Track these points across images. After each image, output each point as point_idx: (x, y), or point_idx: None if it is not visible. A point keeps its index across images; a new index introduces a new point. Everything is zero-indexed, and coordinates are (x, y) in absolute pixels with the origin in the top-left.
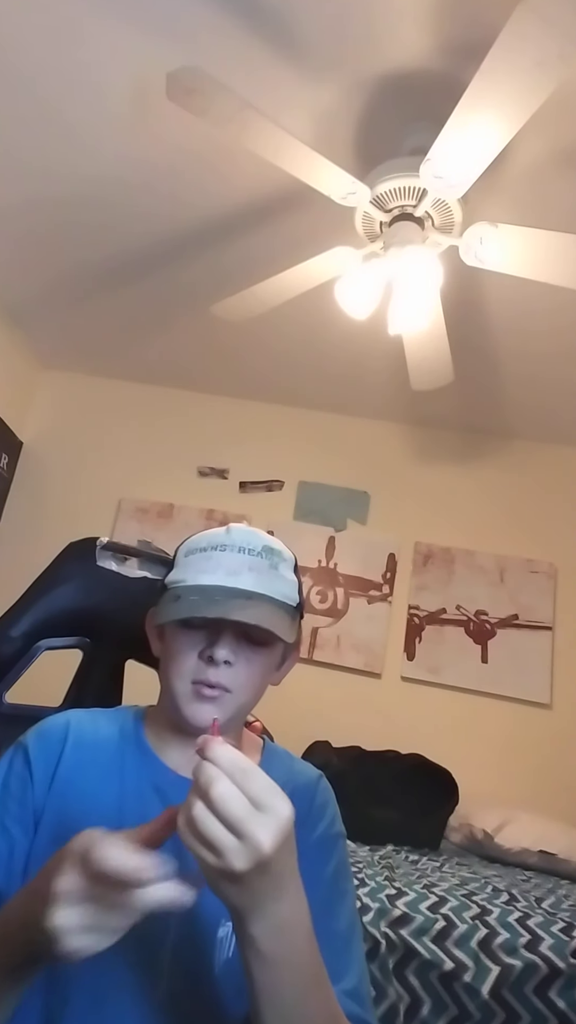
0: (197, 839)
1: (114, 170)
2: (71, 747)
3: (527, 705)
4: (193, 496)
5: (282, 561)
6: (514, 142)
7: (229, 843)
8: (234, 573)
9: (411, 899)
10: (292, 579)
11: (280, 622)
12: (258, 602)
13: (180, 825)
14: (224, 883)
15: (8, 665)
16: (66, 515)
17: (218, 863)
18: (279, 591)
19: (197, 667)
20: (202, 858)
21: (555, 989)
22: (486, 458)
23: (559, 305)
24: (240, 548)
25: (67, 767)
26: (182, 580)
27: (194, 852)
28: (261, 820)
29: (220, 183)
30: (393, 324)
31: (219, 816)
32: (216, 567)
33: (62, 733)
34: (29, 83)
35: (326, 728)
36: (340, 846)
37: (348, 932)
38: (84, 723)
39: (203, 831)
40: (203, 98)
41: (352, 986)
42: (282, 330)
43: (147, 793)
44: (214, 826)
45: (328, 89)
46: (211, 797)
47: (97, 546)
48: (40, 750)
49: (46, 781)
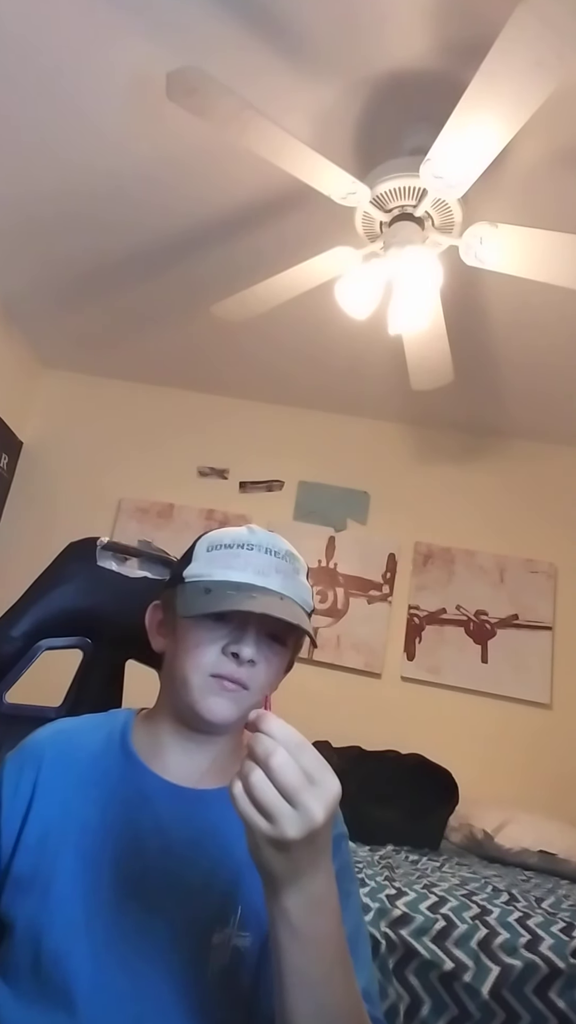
0: (254, 805)
1: (115, 171)
2: (50, 761)
3: (527, 705)
4: (193, 496)
5: (301, 567)
6: (514, 142)
7: (285, 810)
8: (263, 573)
9: (411, 899)
10: (308, 585)
11: (305, 623)
12: (290, 603)
13: (235, 792)
14: (271, 851)
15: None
16: (66, 515)
17: (272, 830)
18: (300, 596)
19: (218, 661)
20: (256, 824)
21: (555, 989)
22: (486, 458)
23: (559, 305)
24: (267, 550)
25: (47, 780)
26: (207, 575)
27: (248, 818)
28: (314, 792)
29: (220, 183)
30: (393, 324)
31: (277, 785)
32: (245, 565)
33: (39, 750)
34: (27, 83)
35: (326, 728)
36: (343, 847)
37: (355, 933)
38: (66, 733)
39: (260, 798)
40: (203, 98)
41: (363, 986)
42: (282, 330)
43: (134, 800)
44: (272, 793)
45: (328, 89)
46: (271, 766)
47: (97, 546)
48: (14, 773)
49: (23, 801)
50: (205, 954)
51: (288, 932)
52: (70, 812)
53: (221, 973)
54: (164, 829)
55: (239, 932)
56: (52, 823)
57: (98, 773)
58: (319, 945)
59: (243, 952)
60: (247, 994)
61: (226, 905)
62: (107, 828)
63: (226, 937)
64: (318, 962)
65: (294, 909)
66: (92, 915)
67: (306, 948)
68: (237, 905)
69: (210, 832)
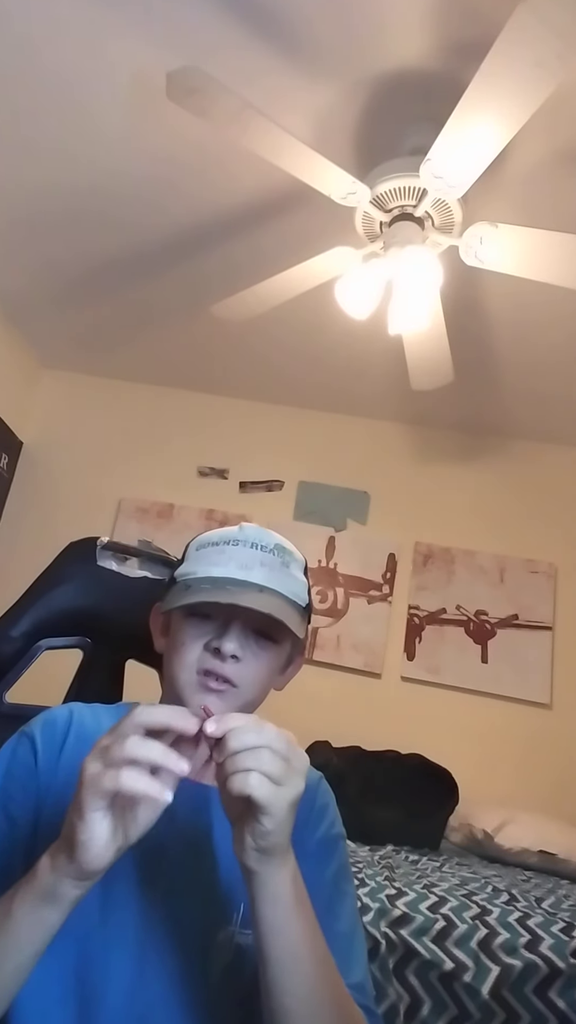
0: (267, 777)
1: (115, 171)
2: (73, 738)
3: (527, 705)
4: (193, 496)
5: (293, 561)
6: (514, 142)
7: (288, 770)
8: (246, 567)
9: (411, 899)
10: (302, 580)
11: (291, 616)
12: (270, 595)
13: (253, 782)
14: (287, 817)
15: (8, 665)
16: (66, 515)
17: (289, 792)
18: (289, 589)
19: (202, 657)
20: (280, 796)
21: (555, 989)
22: (486, 458)
23: (559, 305)
24: (253, 544)
25: (68, 758)
26: (192, 572)
27: (271, 797)
28: (293, 746)
29: (220, 183)
30: (393, 324)
31: (278, 752)
32: (228, 560)
33: (66, 724)
34: (27, 82)
35: (326, 728)
36: (341, 847)
37: (350, 932)
38: (85, 716)
39: (272, 770)
40: (203, 98)
41: (357, 981)
42: (282, 330)
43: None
44: (279, 761)
45: (328, 89)
46: (272, 741)
47: (97, 546)
48: (46, 739)
49: (51, 769)
50: (209, 951)
51: (271, 902)
52: None
53: (225, 970)
54: (175, 822)
55: (242, 929)
56: (70, 800)
57: None
58: (299, 908)
59: (246, 949)
60: (249, 990)
61: (229, 902)
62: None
63: (229, 934)
64: (300, 924)
65: (275, 878)
66: (107, 911)
67: (289, 913)
68: (239, 902)
69: (216, 826)
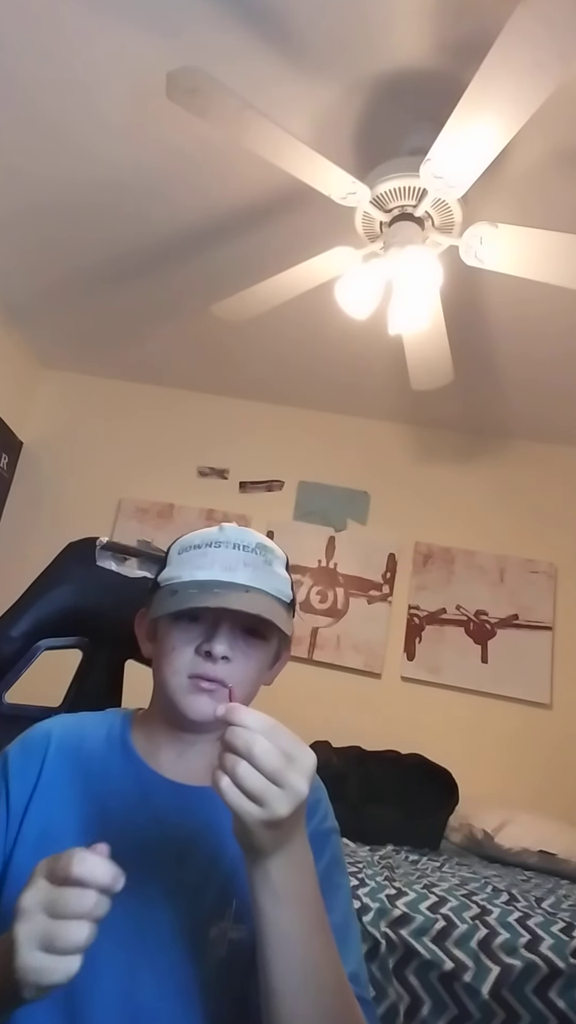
0: (244, 794)
1: (114, 172)
2: (54, 753)
3: (527, 705)
4: (193, 496)
5: (275, 558)
6: (514, 142)
7: (274, 792)
8: (230, 568)
9: (411, 899)
10: (285, 576)
11: (278, 614)
12: (256, 594)
13: (224, 786)
14: (261, 830)
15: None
16: (66, 515)
17: (264, 813)
18: (274, 586)
19: (193, 662)
20: (248, 812)
21: (555, 989)
22: (486, 458)
23: (559, 304)
24: (235, 545)
25: (50, 773)
26: (177, 577)
27: (239, 808)
28: (295, 768)
29: (220, 183)
30: (393, 324)
31: (262, 771)
32: (212, 563)
33: (44, 741)
34: (26, 85)
35: (326, 728)
36: (333, 841)
37: (344, 925)
38: (69, 728)
39: (250, 787)
40: (203, 98)
41: (351, 971)
42: (282, 330)
43: (132, 797)
44: (260, 780)
45: (328, 89)
46: (255, 755)
47: (97, 546)
48: (20, 761)
49: (26, 791)
50: (203, 948)
51: (271, 897)
52: (71, 807)
53: (218, 966)
54: (163, 825)
55: (235, 924)
56: (53, 817)
57: (99, 770)
58: (300, 905)
59: (239, 944)
60: (243, 986)
61: (222, 898)
62: (107, 823)
63: (222, 930)
64: (299, 922)
65: (276, 873)
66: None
67: (288, 909)
68: (232, 898)
69: (206, 827)
